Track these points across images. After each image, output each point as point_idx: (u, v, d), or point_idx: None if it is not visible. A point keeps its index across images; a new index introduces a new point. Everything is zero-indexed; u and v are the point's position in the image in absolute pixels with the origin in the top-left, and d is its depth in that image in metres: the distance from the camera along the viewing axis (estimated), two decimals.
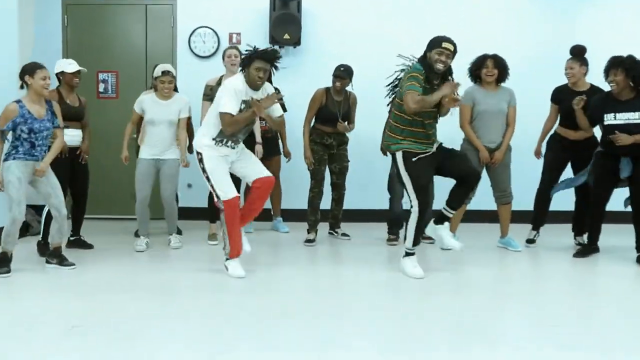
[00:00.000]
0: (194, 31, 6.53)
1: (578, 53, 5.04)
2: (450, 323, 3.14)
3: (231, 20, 6.51)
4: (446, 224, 4.26)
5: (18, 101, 4.20)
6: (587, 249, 4.84)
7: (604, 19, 6.48)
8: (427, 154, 4.12)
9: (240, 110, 4.05)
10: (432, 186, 4.49)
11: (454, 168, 4.16)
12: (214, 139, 4.13)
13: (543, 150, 5.36)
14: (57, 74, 4.88)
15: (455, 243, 4.22)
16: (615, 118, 4.57)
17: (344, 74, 5.30)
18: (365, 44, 6.39)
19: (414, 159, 4.08)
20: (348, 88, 5.43)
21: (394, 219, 5.42)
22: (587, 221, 4.93)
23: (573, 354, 2.73)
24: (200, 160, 4.14)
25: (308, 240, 5.38)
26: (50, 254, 4.40)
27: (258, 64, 4.06)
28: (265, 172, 4.22)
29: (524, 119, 5.41)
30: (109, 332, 2.92)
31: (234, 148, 4.20)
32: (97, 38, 6.57)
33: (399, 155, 4.13)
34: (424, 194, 4.10)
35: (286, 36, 6.24)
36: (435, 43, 4.06)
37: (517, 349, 2.79)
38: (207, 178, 4.13)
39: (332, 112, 5.34)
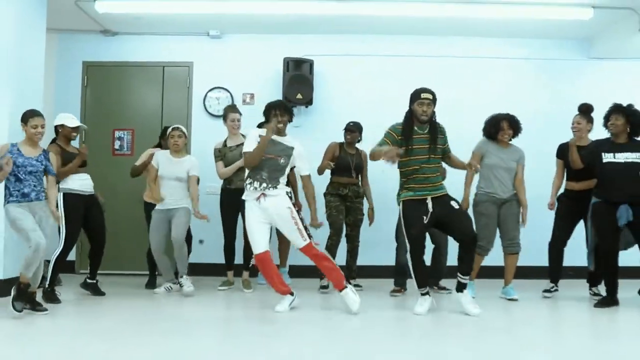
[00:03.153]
0: (208, 92, 6.77)
1: (586, 110, 5.33)
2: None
3: (245, 81, 6.77)
4: (465, 291, 4.49)
5: (14, 144, 4.35)
6: (607, 301, 4.83)
7: (603, 82, 6.78)
8: (424, 198, 4.40)
9: None
10: (428, 236, 4.68)
11: (454, 227, 4.43)
12: (246, 185, 4.58)
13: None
14: (56, 126, 5.00)
15: (474, 310, 4.40)
16: (614, 157, 4.81)
17: (353, 127, 5.77)
18: (374, 104, 6.61)
19: (409, 205, 4.43)
20: (359, 146, 5.82)
21: (399, 268, 5.49)
22: (602, 276, 4.99)
23: None
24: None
25: (323, 287, 5.53)
26: (25, 299, 4.21)
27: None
28: (298, 242, 4.51)
29: (534, 175, 5.62)
30: None
31: (261, 188, 4.49)
32: (115, 97, 6.79)
33: (400, 206, 4.50)
34: (413, 239, 4.38)
35: (299, 96, 6.49)
36: (415, 96, 4.48)
37: None
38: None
39: (346, 161, 5.68)
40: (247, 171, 4.64)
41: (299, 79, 6.49)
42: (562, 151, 5.41)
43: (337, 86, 6.79)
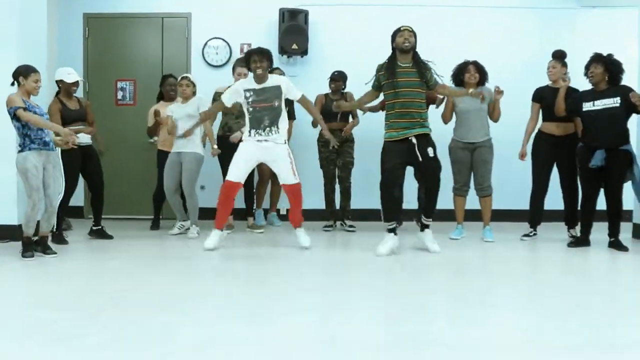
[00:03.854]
0: (207, 42, 6.92)
1: (560, 55, 5.53)
2: (447, 294, 3.48)
3: (242, 31, 6.91)
4: (427, 230, 4.90)
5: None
6: (580, 241, 5.19)
7: (595, 30, 6.92)
8: (399, 138, 4.65)
9: (246, 98, 4.88)
10: (401, 173, 4.81)
11: (422, 171, 4.73)
12: (249, 132, 4.92)
13: (528, 151, 5.67)
14: (57, 81, 5.29)
15: (435, 247, 4.84)
16: (593, 105, 5.03)
17: (337, 77, 6.05)
18: (368, 54, 6.62)
19: (389, 145, 4.71)
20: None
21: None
22: (579, 215, 5.28)
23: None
24: None
25: (326, 226, 6.17)
26: (37, 242, 4.60)
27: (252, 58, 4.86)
28: (288, 179, 4.89)
29: (519, 120, 5.82)
30: (145, 304, 3.22)
31: (265, 134, 4.86)
32: (116, 48, 6.97)
33: (384, 143, 4.78)
34: (387, 174, 4.65)
35: (294, 46, 6.65)
36: (395, 31, 4.75)
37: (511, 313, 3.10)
38: None
39: (331, 107, 5.85)
40: (247, 119, 4.91)
41: (294, 29, 6.63)
42: (539, 94, 5.59)
43: (332, 36, 6.93)
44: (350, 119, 6.11)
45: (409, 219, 6.14)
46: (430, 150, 4.67)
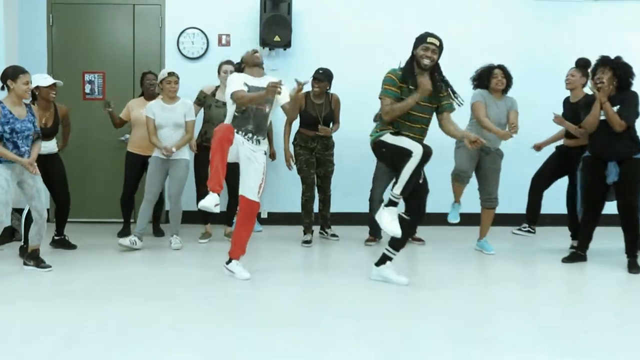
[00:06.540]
0: (182, 32, 6.45)
1: (583, 65, 5.14)
2: (443, 325, 3.14)
3: (220, 21, 6.44)
4: (388, 263, 4.13)
5: (4, 106, 4.14)
6: (575, 256, 4.85)
7: (600, 27, 6.57)
8: None
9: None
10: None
11: (413, 196, 3.97)
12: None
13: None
14: (32, 90, 4.77)
15: (402, 279, 4.06)
16: (601, 114, 4.58)
17: (321, 76, 5.36)
18: (356, 46, 6.40)
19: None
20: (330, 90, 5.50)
21: (373, 221, 5.44)
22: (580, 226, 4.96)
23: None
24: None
25: (305, 242, 5.45)
26: (29, 255, 4.40)
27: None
28: (251, 194, 4.18)
29: (521, 122, 5.45)
30: (106, 338, 2.87)
31: (248, 139, 4.23)
32: (84, 38, 6.45)
33: (387, 137, 3.95)
34: (419, 144, 3.82)
35: (276, 38, 6.19)
36: (421, 39, 4.01)
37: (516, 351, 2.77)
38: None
39: (313, 115, 5.40)
40: (230, 119, 4.25)
41: (276, 19, 6.15)
42: (563, 105, 5.36)
43: (317, 27, 6.49)
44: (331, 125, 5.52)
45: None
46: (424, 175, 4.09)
